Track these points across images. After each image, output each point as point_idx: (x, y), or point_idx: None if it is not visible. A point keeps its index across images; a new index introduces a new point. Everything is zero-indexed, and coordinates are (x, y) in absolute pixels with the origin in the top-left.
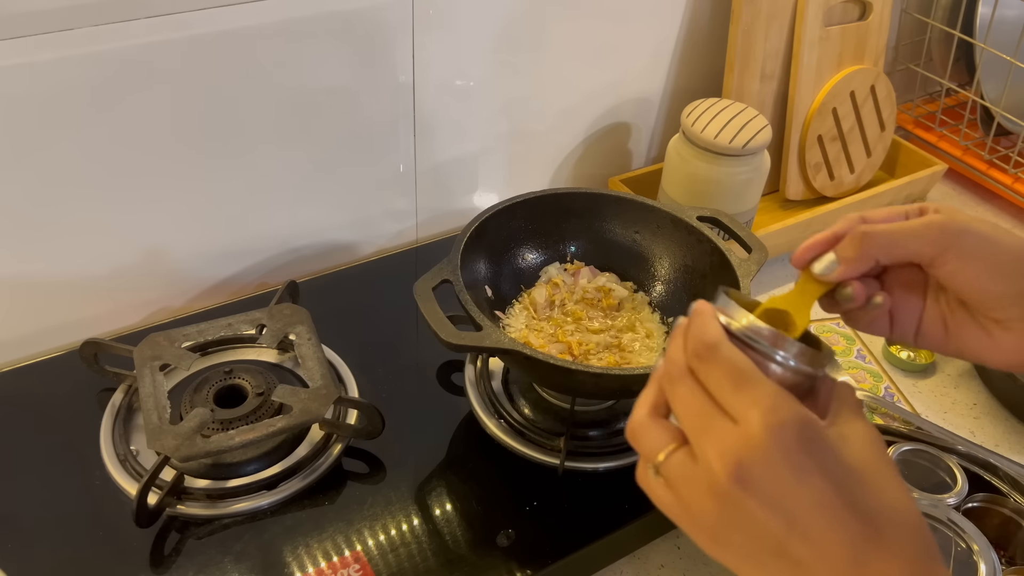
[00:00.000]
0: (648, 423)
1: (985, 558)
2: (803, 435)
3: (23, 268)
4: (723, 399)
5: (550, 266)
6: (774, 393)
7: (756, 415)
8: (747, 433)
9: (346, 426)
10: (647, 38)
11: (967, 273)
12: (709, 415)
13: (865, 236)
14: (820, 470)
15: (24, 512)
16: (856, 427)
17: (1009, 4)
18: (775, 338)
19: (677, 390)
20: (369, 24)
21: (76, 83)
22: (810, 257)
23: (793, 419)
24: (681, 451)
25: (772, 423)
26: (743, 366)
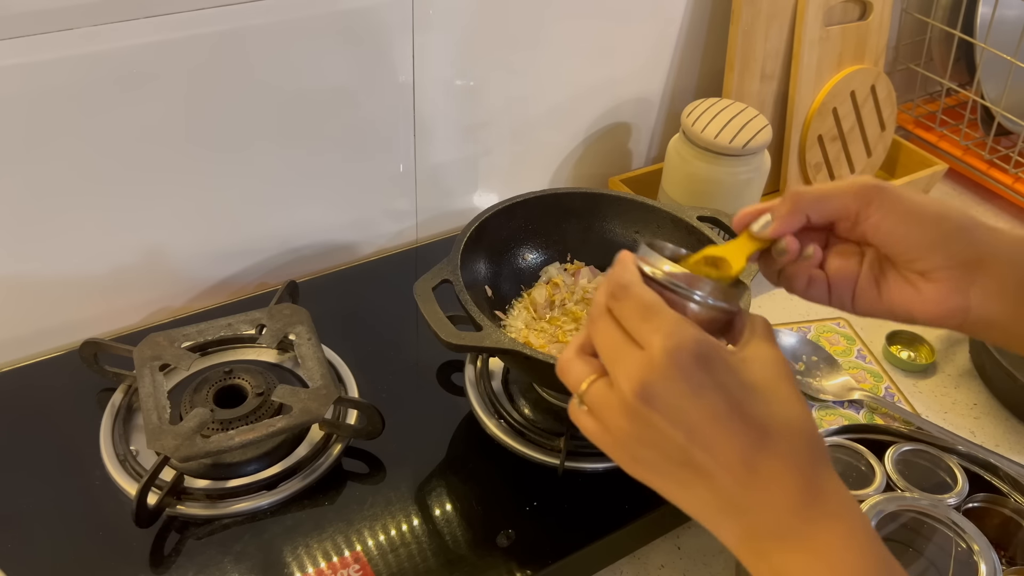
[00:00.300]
0: (574, 359)
1: (985, 558)
2: (699, 354)
3: (23, 268)
4: (632, 329)
5: (550, 266)
6: (674, 320)
7: (657, 339)
8: (649, 356)
9: (346, 426)
10: (647, 38)
11: (888, 223)
12: (620, 345)
13: (796, 194)
14: (715, 385)
15: (24, 512)
16: (761, 351)
17: (1009, 4)
18: (688, 279)
19: (596, 327)
20: (369, 24)
21: (76, 83)
22: (748, 220)
23: (690, 340)
24: (600, 380)
25: (671, 345)
26: (650, 300)
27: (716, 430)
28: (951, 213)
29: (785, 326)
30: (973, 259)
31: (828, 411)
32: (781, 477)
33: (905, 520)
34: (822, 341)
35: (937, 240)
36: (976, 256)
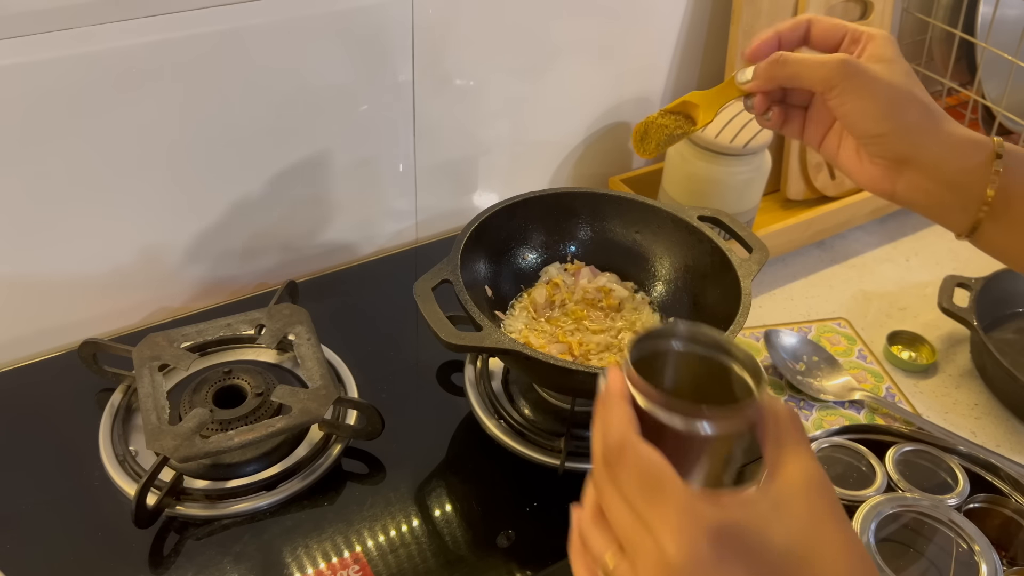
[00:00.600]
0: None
1: (986, 559)
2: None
3: (22, 268)
4: (639, 511)
5: (550, 266)
6: (680, 507)
7: (667, 537)
8: (662, 556)
9: (346, 426)
10: (647, 38)
11: (847, 107)
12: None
13: (777, 63)
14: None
15: (24, 512)
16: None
17: (1010, 3)
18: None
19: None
20: (369, 24)
21: (75, 83)
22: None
23: (704, 533)
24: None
25: (683, 544)
26: (651, 470)
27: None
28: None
29: (786, 326)
30: (903, 157)
31: (829, 411)
32: None
33: (906, 521)
34: (823, 341)
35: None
36: (907, 155)
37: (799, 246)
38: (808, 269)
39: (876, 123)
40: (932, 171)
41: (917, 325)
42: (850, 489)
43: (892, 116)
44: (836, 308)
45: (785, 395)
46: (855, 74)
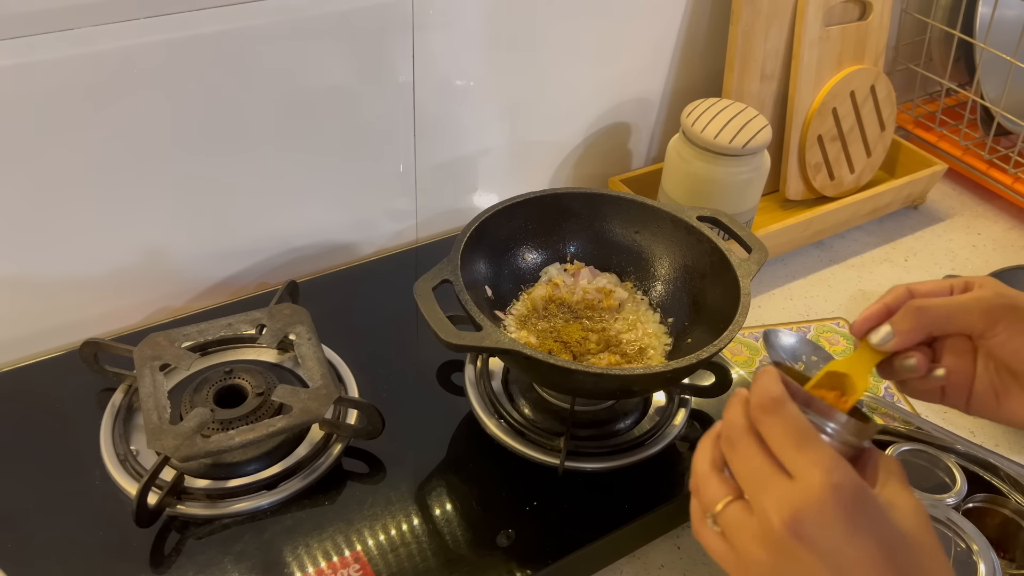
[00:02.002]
0: (709, 475)
1: (985, 558)
2: (858, 497)
3: (23, 268)
4: (783, 454)
5: (550, 266)
6: (834, 455)
7: (816, 473)
8: (806, 489)
9: (346, 426)
10: (647, 38)
11: (1015, 343)
12: (767, 471)
13: (920, 310)
14: (871, 531)
15: (24, 512)
16: (904, 497)
17: (1009, 4)
18: (827, 410)
19: (737, 447)
20: (369, 24)
21: (76, 83)
22: (867, 328)
23: (850, 481)
24: (737, 503)
25: (831, 482)
26: (805, 426)
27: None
28: None
29: (785, 326)
30: None
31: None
32: None
33: None
34: (822, 341)
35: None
36: None
37: (798, 246)
38: (807, 269)
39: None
40: None
41: None
42: None
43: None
44: (835, 308)
45: None
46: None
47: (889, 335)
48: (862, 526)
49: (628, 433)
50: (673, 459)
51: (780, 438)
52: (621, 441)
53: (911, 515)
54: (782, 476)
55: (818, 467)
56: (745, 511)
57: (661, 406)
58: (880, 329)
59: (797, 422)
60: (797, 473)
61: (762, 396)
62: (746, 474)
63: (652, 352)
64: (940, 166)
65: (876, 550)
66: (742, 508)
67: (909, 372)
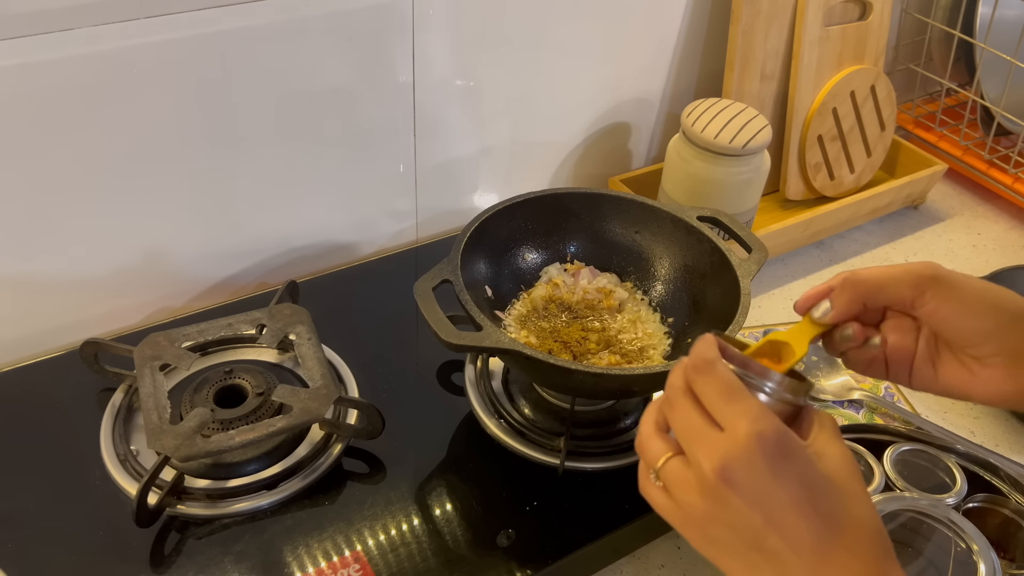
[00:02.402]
0: (652, 435)
1: (985, 558)
2: (781, 444)
3: (23, 268)
4: (714, 409)
5: (550, 266)
6: (758, 406)
7: (742, 423)
8: (733, 439)
9: (346, 426)
10: (647, 38)
11: (943, 311)
12: (701, 425)
13: (853, 281)
14: (795, 475)
15: (24, 512)
16: (832, 447)
17: (1009, 4)
18: (762, 370)
19: (675, 408)
20: (369, 24)
21: (76, 83)
22: (809, 305)
23: (774, 430)
24: (676, 458)
25: (755, 431)
26: (733, 382)
27: (793, 517)
28: (1007, 304)
29: (785, 326)
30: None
31: (828, 411)
32: (850, 569)
33: (904, 520)
34: None
35: (991, 330)
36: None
37: (798, 246)
38: (807, 269)
39: (981, 318)
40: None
41: None
42: None
43: (996, 307)
44: None
45: None
46: (945, 274)
47: (828, 309)
48: (786, 470)
49: (628, 433)
50: None
51: (712, 395)
52: (621, 441)
53: (838, 462)
54: (714, 429)
55: (744, 417)
56: (683, 464)
57: None
58: (820, 304)
59: (726, 379)
60: (726, 425)
61: (696, 358)
62: (683, 430)
63: (652, 352)
64: (940, 166)
65: (799, 492)
66: (680, 462)
67: (848, 342)
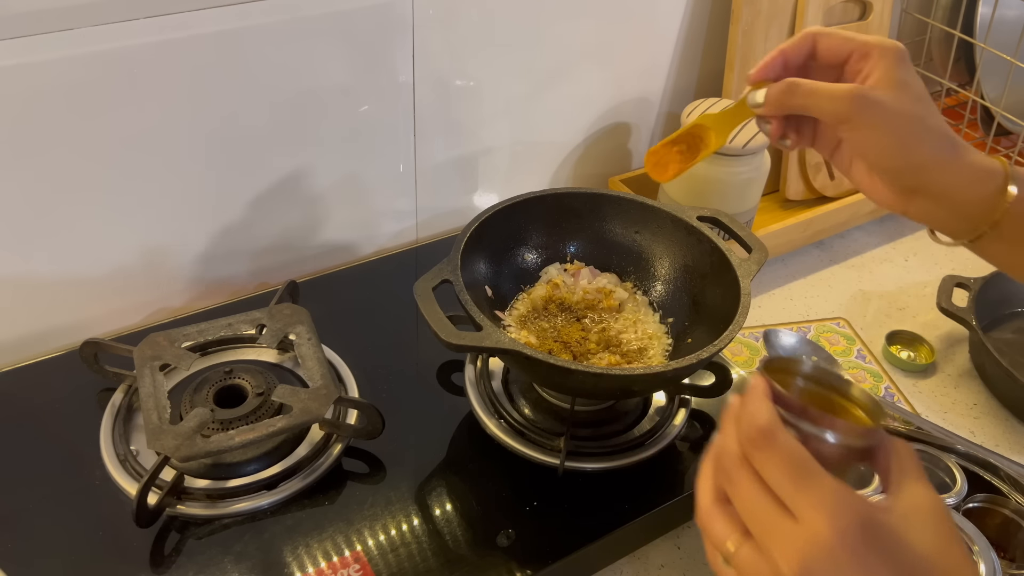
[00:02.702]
0: (714, 511)
1: (985, 558)
2: (867, 533)
3: (23, 268)
4: (783, 493)
5: (550, 266)
6: (835, 491)
7: (819, 518)
8: (811, 535)
9: (346, 426)
10: (647, 38)
11: (859, 141)
12: (770, 512)
13: (789, 91)
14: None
15: (24, 512)
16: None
17: (1009, 4)
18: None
19: (735, 483)
20: (369, 24)
21: (76, 83)
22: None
23: (856, 519)
24: (747, 546)
25: (836, 527)
26: (800, 457)
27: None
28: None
29: (785, 326)
30: (917, 188)
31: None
32: None
33: None
34: (822, 341)
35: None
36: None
37: (798, 246)
38: (807, 269)
39: (889, 158)
40: (944, 200)
41: (916, 325)
42: None
43: (905, 151)
44: (835, 308)
45: None
46: (867, 107)
47: (761, 102)
48: (875, 564)
49: (628, 433)
50: (673, 459)
51: (777, 476)
52: (621, 441)
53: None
54: (786, 518)
55: (821, 511)
56: (757, 554)
57: (661, 406)
58: (758, 92)
59: (793, 454)
60: (800, 515)
61: (750, 427)
62: (750, 515)
63: (652, 352)
64: None
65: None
66: (753, 551)
67: (765, 134)
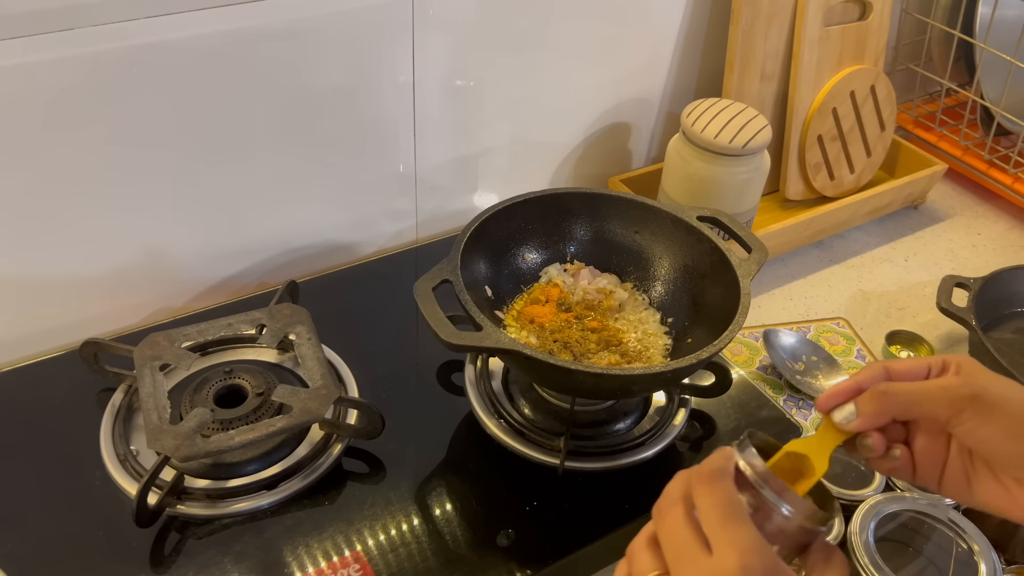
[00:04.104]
0: (643, 549)
1: (985, 558)
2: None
3: (24, 268)
4: (708, 527)
5: (550, 266)
6: (752, 537)
7: (732, 554)
8: (721, 567)
9: (346, 426)
10: (647, 38)
11: (982, 432)
12: (689, 544)
13: (884, 394)
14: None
15: (24, 512)
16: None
17: (1009, 4)
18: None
19: (665, 520)
20: (369, 24)
21: (76, 83)
22: (832, 405)
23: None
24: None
25: (743, 563)
26: (734, 503)
27: None
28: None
29: (785, 326)
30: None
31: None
32: None
33: (905, 520)
34: (822, 341)
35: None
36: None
37: (798, 246)
38: (807, 269)
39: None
40: None
41: (916, 325)
42: (849, 488)
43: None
44: (835, 308)
45: (784, 395)
46: (984, 393)
47: (852, 415)
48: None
49: (628, 433)
50: (673, 459)
51: (708, 510)
52: (621, 441)
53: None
54: (702, 551)
55: (735, 547)
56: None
57: (661, 406)
58: (844, 407)
59: (728, 497)
60: (716, 550)
61: (705, 465)
62: (670, 545)
63: (652, 352)
64: (940, 166)
65: None
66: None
67: (866, 451)
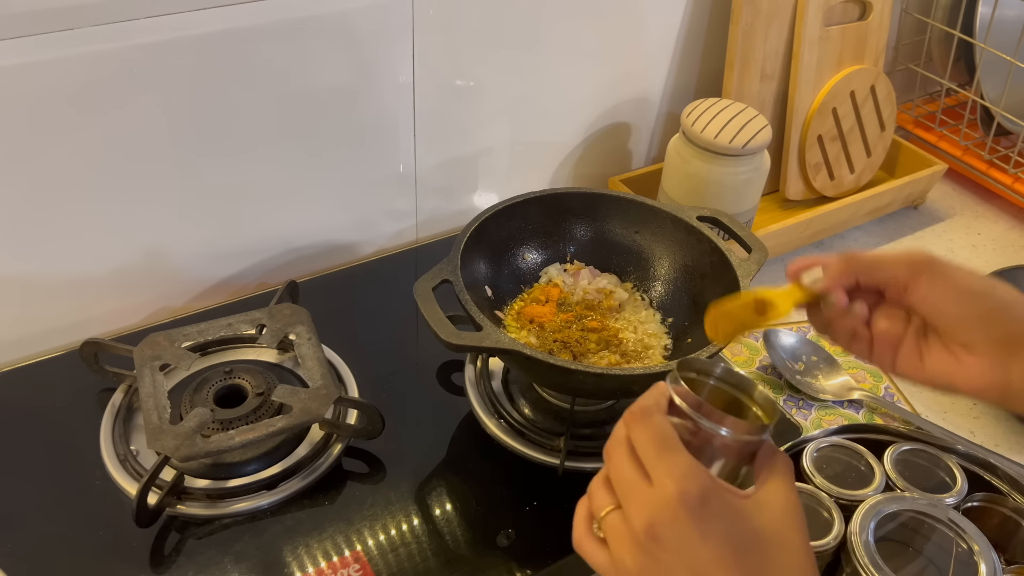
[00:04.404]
0: (599, 487)
1: (985, 558)
2: (707, 502)
3: (23, 268)
4: (647, 461)
5: (550, 266)
6: (686, 463)
7: (669, 482)
8: (659, 495)
9: (346, 426)
10: (647, 38)
11: (934, 296)
12: (633, 479)
13: (849, 256)
14: (721, 532)
15: (24, 512)
16: (776, 496)
17: (1009, 4)
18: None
19: (612, 459)
20: (369, 24)
21: (76, 83)
22: (800, 270)
23: (699, 488)
24: (616, 511)
25: (680, 489)
26: (666, 434)
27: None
28: (997, 291)
29: (784, 326)
30: (1015, 336)
31: (828, 411)
32: None
33: (905, 520)
34: (822, 341)
35: (981, 316)
36: (1018, 333)
37: (798, 246)
38: None
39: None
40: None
41: None
42: (849, 488)
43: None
44: None
45: (784, 395)
46: (939, 260)
47: (819, 277)
48: (712, 528)
49: None
50: None
51: (644, 445)
52: None
53: (778, 514)
54: (644, 482)
55: (671, 476)
56: (621, 519)
57: None
58: (812, 271)
59: (659, 429)
60: (655, 480)
61: (636, 407)
62: (618, 481)
63: (652, 352)
64: (940, 166)
65: (724, 549)
66: (619, 516)
67: (830, 308)
